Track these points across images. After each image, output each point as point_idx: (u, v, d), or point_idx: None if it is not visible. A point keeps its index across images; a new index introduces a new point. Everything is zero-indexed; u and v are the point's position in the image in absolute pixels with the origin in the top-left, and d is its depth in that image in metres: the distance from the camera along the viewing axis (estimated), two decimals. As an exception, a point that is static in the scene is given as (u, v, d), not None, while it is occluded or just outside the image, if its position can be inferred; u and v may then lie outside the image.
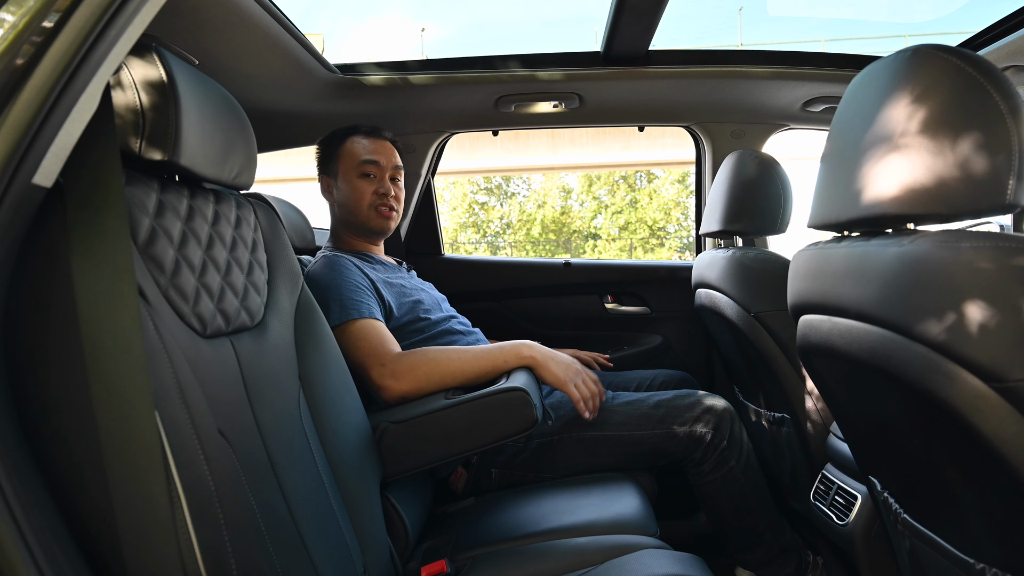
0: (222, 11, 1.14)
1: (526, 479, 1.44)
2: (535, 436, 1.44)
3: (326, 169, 1.62)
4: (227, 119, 0.87)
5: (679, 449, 1.43)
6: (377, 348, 1.32)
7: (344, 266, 1.44)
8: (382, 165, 1.58)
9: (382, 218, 1.58)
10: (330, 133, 1.63)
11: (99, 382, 0.57)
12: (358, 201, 1.57)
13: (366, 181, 1.57)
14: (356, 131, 1.61)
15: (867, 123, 0.79)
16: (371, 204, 1.57)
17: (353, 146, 1.58)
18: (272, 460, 0.84)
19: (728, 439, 1.42)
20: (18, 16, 0.55)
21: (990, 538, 0.75)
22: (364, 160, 1.56)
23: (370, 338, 1.33)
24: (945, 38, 16.68)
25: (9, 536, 0.50)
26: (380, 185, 1.58)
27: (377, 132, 1.62)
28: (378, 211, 1.57)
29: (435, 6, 34.45)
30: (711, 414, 1.43)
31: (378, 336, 1.34)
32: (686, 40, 28.00)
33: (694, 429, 1.42)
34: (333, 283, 1.39)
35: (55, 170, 0.58)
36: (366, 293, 1.41)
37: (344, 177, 1.57)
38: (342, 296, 1.37)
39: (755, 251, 1.50)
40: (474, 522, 1.28)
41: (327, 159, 1.61)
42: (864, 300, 0.77)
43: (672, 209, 18.57)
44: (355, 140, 1.59)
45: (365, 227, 1.59)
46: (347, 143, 1.58)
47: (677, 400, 1.46)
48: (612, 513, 1.21)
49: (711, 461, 1.42)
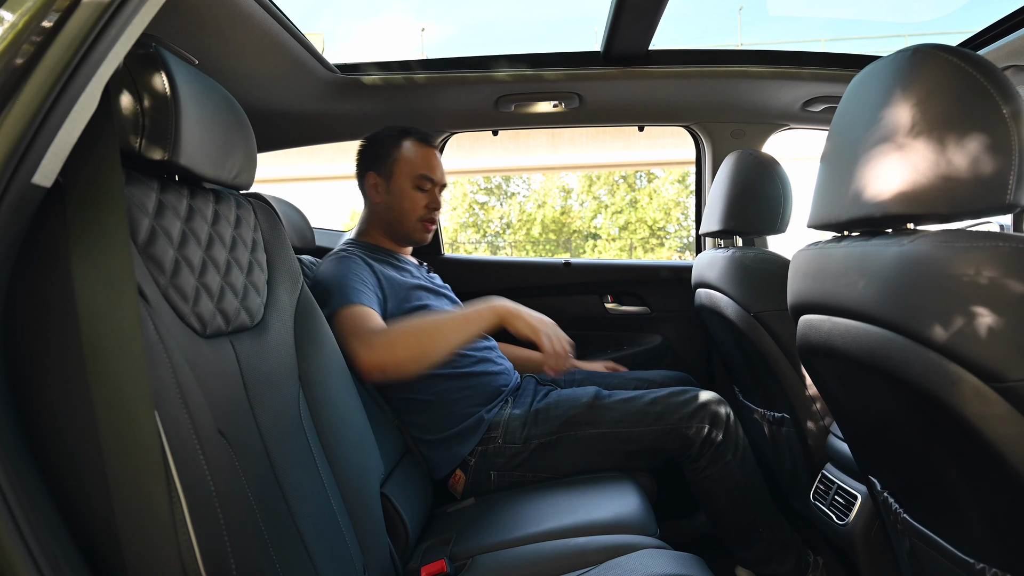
0: (222, 11, 1.14)
1: (525, 480, 1.44)
2: (533, 437, 1.44)
3: (376, 167, 1.60)
4: (227, 119, 0.87)
5: (676, 445, 1.43)
6: (361, 327, 1.30)
7: (353, 262, 1.44)
8: (436, 181, 1.61)
9: (425, 232, 1.62)
10: (382, 131, 1.63)
11: (99, 382, 0.57)
12: (409, 212, 1.58)
13: (420, 194, 1.59)
14: (409, 134, 1.61)
15: (867, 123, 0.79)
16: (420, 217, 1.59)
17: (412, 152, 1.59)
18: (272, 460, 0.84)
19: (724, 434, 1.43)
20: (17, 16, 0.55)
21: (990, 538, 0.75)
22: (423, 175, 1.58)
23: (356, 319, 1.32)
24: (945, 38, 16.68)
25: (9, 536, 0.50)
26: (432, 200, 1.60)
27: (430, 140, 1.63)
28: (424, 225, 1.60)
29: (435, 6, 34.46)
30: (707, 410, 1.43)
31: (365, 317, 1.32)
32: (686, 40, 27.97)
33: (690, 425, 1.42)
34: (336, 275, 1.40)
35: (55, 170, 0.58)
36: (366, 286, 1.41)
37: (398, 183, 1.58)
38: (342, 286, 1.37)
39: (755, 251, 1.50)
40: (474, 522, 1.28)
41: (379, 158, 1.60)
42: (864, 300, 0.77)
43: (672, 209, 18.56)
44: (412, 146, 1.59)
45: (408, 237, 1.62)
46: (404, 148, 1.59)
47: (673, 397, 1.46)
48: (612, 513, 1.21)
49: (707, 457, 1.43)
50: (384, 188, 1.59)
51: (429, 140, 1.63)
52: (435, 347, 1.31)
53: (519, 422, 1.46)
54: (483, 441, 1.45)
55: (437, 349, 1.31)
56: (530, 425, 1.45)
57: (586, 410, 1.46)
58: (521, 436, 1.45)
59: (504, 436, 1.45)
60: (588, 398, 1.49)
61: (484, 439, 1.45)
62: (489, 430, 1.46)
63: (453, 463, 1.45)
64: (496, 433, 1.46)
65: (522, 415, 1.47)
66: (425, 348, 1.30)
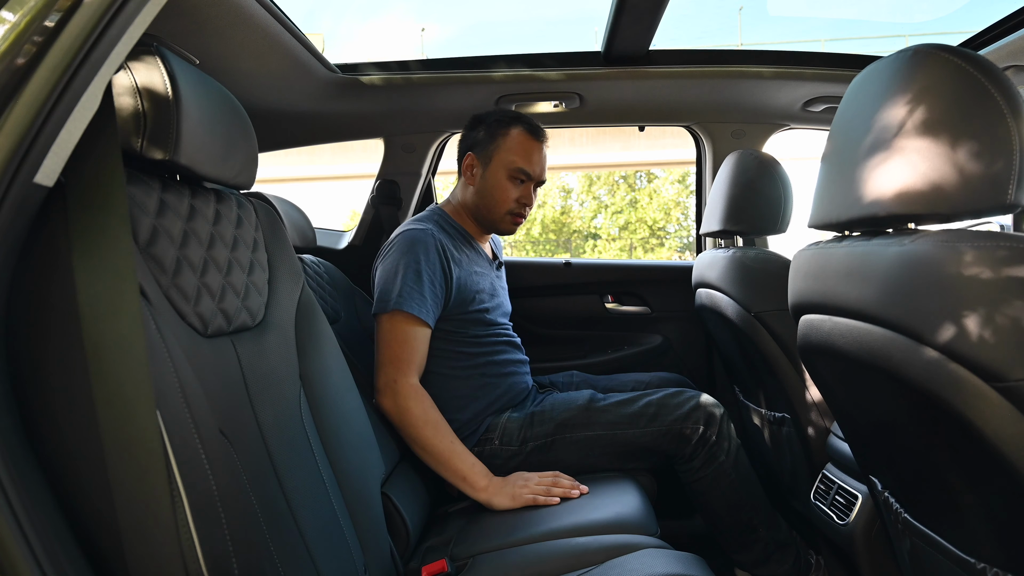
0: (223, 11, 1.14)
1: None
2: (530, 439, 1.44)
3: (476, 149, 1.56)
4: (228, 118, 0.87)
5: (671, 447, 1.43)
6: (402, 358, 1.35)
7: (428, 247, 1.41)
8: (534, 176, 1.55)
9: (513, 224, 1.58)
10: (492, 112, 1.58)
11: (100, 381, 0.57)
12: (500, 202, 1.54)
13: (514, 185, 1.54)
14: (520, 122, 1.55)
15: (868, 123, 0.79)
16: (509, 210, 1.55)
17: (515, 142, 1.53)
18: (273, 460, 0.84)
19: (717, 434, 1.43)
20: (19, 16, 0.55)
21: (991, 538, 0.75)
22: (521, 168, 1.53)
23: (403, 345, 1.36)
24: (945, 38, 16.67)
25: (11, 535, 0.50)
26: (525, 194, 1.55)
27: (540, 133, 1.56)
28: (512, 218, 1.56)
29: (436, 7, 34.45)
30: (700, 411, 1.44)
31: (411, 346, 1.36)
32: (686, 40, 27.96)
33: (684, 426, 1.43)
34: (402, 262, 1.39)
35: (56, 169, 0.58)
36: (432, 286, 1.40)
37: (494, 170, 1.53)
38: (407, 281, 1.37)
39: (755, 251, 1.50)
40: (475, 522, 1.28)
41: (481, 140, 1.55)
42: (865, 300, 0.77)
43: (672, 209, 18.56)
44: (519, 134, 1.54)
45: (492, 226, 1.59)
46: (512, 134, 1.53)
47: (667, 399, 1.47)
48: (613, 513, 1.21)
49: (701, 457, 1.43)
50: (480, 173, 1.55)
51: (538, 133, 1.56)
52: (429, 454, 1.35)
53: (516, 425, 1.46)
54: (480, 443, 1.45)
55: (429, 456, 1.35)
56: (527, 428, 1.46)
57: (581, 412, 1.46)
58: (518, 438, 1.45)
59: (501, 438, 1.46)
60: (583, 401, 1.49)
61: (481, 440, 1.45)
62: (486, 432, 1.47)
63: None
64: (493, 435, 1.46)
65: (520, 418, 1.48)
66: (425, 446, 1.34)
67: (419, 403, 1.34)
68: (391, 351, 1.36)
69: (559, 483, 1.33)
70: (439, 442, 1.34)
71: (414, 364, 1.37)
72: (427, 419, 1.34)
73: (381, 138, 2.11)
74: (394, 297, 1.36)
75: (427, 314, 1.38)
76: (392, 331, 1.36)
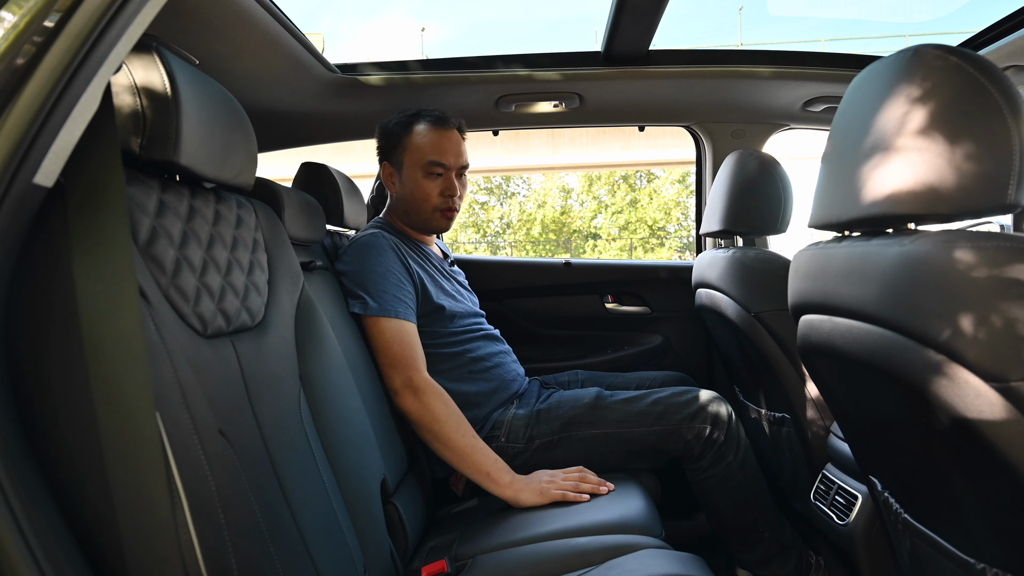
0: (222, 11, 1.14)
1: None
2: (536, 437, 1.44)
3: (389, 158, 1.56)
4: (228, 119, 0.87)
5: (678, 446, 1.43)
6: (407, 357, 1.36)
7: (383, 248, 1.42)
8: (449, 165, 1.52)
9: (444, 219, 1.56)
10: (392, 118, 1.57)
11: (100, 382, 0.57)
12: (422, 201, 1.53)
13: (432, 181, 1.51)
14: (421, 118, 1.53)
15: (868, 123, 0.79)
16: (436, 206, 1.53)
17: (419, 139, 1.51)
18: (273, 460, 0.84)
19: (726, 435, 1.43)
20: (19, 16, 0.55)
21: (990, 538, 0.75)
22: (431, 161, 1.50)
23: (403, 344, 1.36)
24: (945, 38, 16.68)
25: (10, 536, 0.50)
26: (447, 186, 1.52)
27: (444, 122, 1.53)
28: (442, 213, 1.55)
29: (436, 7, 34.46)
30: (708, 410, 1.43)
31: (410, 344, 1.37)
32: (686, 40, 28.00)
33: (692, 425, 1.42)
34: (375, 269, 1.39)
35: (56, 170, 0.58)
36: (401, 285, 1.41)
37: (409, 172, 1.52)
38: (381, 286, 1.37)
39: (755, 251, 1.50)
40: (478, 522, 1.28)
41: (390, 148, 1.55)
42: (865, 300, 0.77)
43: (672, 209, 18.57)
44: (421, 132, 1.52)
45: (425, 226, 1.58)
46: (413, 134, 1.52)
47: (675, 397, 1.46)
48: (617, 514, 1.20)
49: (709, 457, 1.43)
50: (398, 178, 1.55)
51: (441, 122, 1.53)
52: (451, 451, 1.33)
53: (522, 422, 1.46)
54: (486, 440, 1.45)
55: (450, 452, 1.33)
56: (533, 425, 1.45)
57: (588, 410, 1.46)
58: (524, 436, 1.45)
59: (507, 436, 1.45)
60: (590, 398, 1.49)
61: (487, 438, 1.45)
62: (492, 430, 1.46)
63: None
64: (499, 433, 1.46)
65: (526, 415, 1.47)
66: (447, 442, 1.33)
67: (439, 398, 1.35)
68: (392, 353, 1.36)
69: (586, 479, 1.32)
70: (460, 437, 1.33)
71: (419, 359, 1.37)
72: (449, 413, 1.34)
73: (381, 138, 2.11)
74: (372, 305, 1.36)
75: (408, 312, 1.39)
76: (384, 335, 1.36)
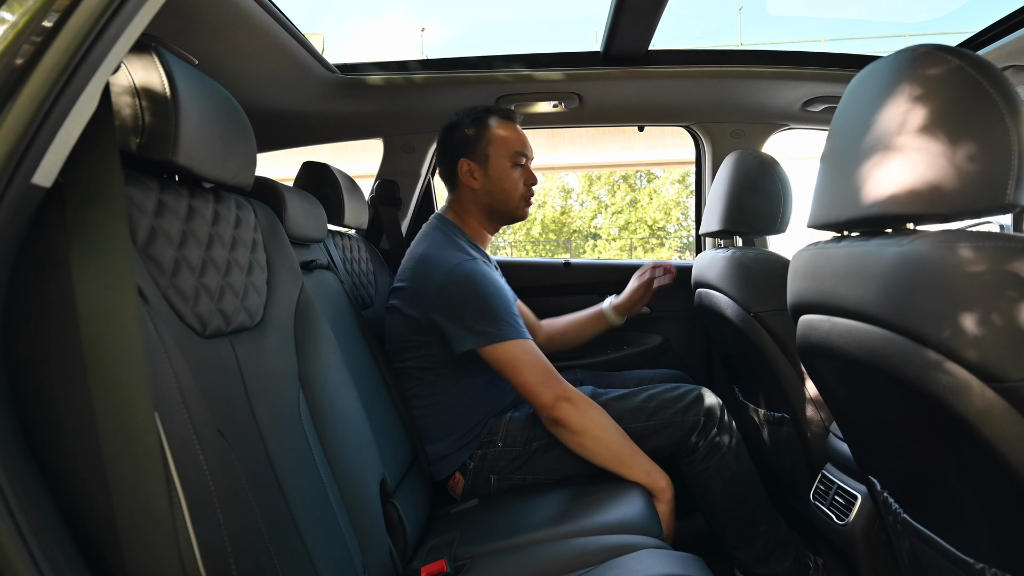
0: (222, 11, 1.14)
1: (525, 483, 1.44)
2: (533, 440, 1.44)
3: (468, 154, 1.56)
4: (227, 119, 0.87)
5: (673, 440, 1.44)
6: (549, 371, 1.38)
7: (483, 272, 1.44)
8: (530, 154, 1.60)
9: (527, 208, 1.62)
10: (461, 117, 1.59)
11: (99, 382, 0.57)
12: (512, 191, 1.57)
13: (519, 171, 1.58)
14: (493, 113, 1.58)
15: (867, 123, 0.79)
16: (522, 195, 1.59)
17: (502, 132, 1.56)
18: (272, 460, 0.83)
19: (718, 427, 1.45)
20: (18, 16, 0.55)
21: (990, 538, 0.75)
22: (518, 151, 1.56)
23: (539, 359, 1.38)
24: (945, 38, 16.68)
25: (8, 536, 0.50)
26: (529, 176, 1.60)
27: (514, 117, 1.61)
28: (527, 201, 1.61)
29: (436, 7, 34.47)
30: (700, 403, 1.45)
31: (543, 357, 1.39)
32: (686, 40, 28.01)
33: (685, 419, 1.44)
34: (489, 296, 1.40)
35: (54, 170, 0.58)
36: (512, 303, 1.44)
37: (496, 163, 1.56)
38: (500, 310, 1.39)
39: (755, 251, 1.50)
40: (478, 523, 1.28)
41: (468, 144, 1.56)
42: (864, 300, 0.77)
43: (672, 209, 18.56)
44: (501, 124, 1.57)
45: (512, 216, 1.61)
46: (493, 124, 1.57)
47: (667, 392, 1.48)
48: (619, 516, 1.20)
49: (703, 449, 1.44)
50: (481, 172, 1.56)
51: (512, 116, 1.60)
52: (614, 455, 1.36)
53: (519, 426, 1.46)
54: (483, 445, 1.45)
55: (612, 457, 1.35)
56: (529, 428, 1.45)
57: None
58: (521, 439, 1.45)
59: (504, 439, 1.45)
60: None
61: (484, 443, 1.45)
62: (489, 434, 1.46)
63: (454, 466, 1.45)
64: (496, 437, 1.46)
65: (522, 418, 1.47)
66: (610, 446, 1.36)
67: (592, 403, 1.37)
68: (538, 371, 1.36)
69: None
70: (622, 438, 1.37)
71: (552, 368, 1.39)
72: (607, 417, 1.37)
73: (381, 138, 2.11)
74: (501, 332, 1.37)
75: (526, 331, 1.41)
76: (523, 357, 1.37)
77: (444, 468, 1.46)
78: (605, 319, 1.86)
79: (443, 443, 1.46)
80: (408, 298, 1.46)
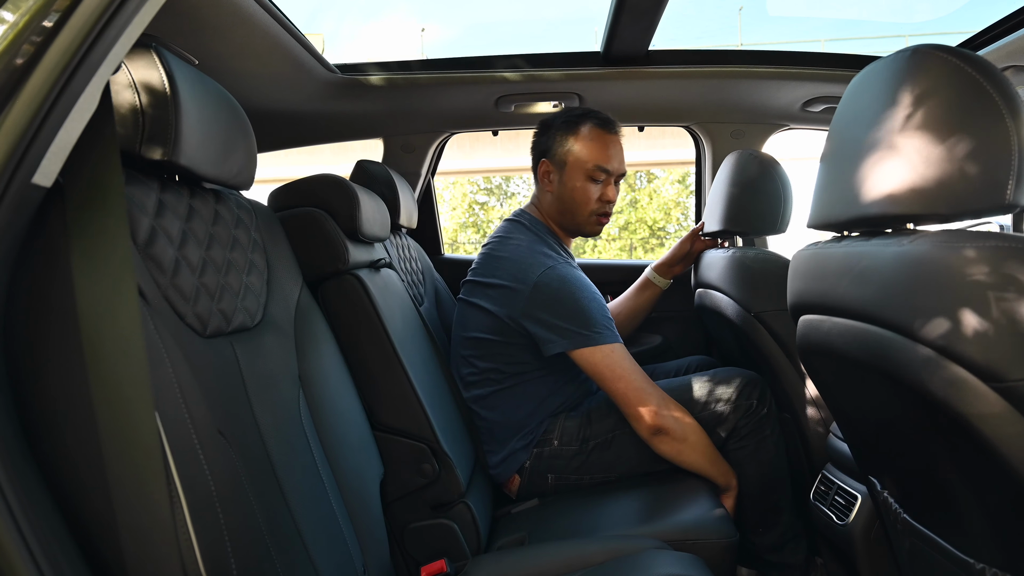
0: (222, 11, 1.14)
1: (582, 483, 1.43)
2: (590, 438, 1.43)
3: (549, 156, 1.52)
4: (227, 119, 0.87)
5: (726, 425, 1.42)
6: (647, 377, 1.36)
7: (576, 277, 1.41)
8: (612, 171, 1.50)
9: (597, 226, 1.54)
10: (558, 116, 1.53)
11: (99, 382, 0.57)
12: (582, 205, 1.50)
13: (593, 185, 1.49)
14: (588, 119, 1.50)
15: (867, 123, 0.79)
16: (593, 211, 1.51)
17: (586, 142, 1.48)
18: (272, 460, 0.83)
19: (768, 410, 1.43)
20: (18, 15, 0.55)
21: (990, 538, 0.75)
22: (597, 166, 1.48)
23: (635, 363, 1.36)
24: (945, 38, 16.67)
25: (9, 536, 0.50)
26: (606, 192, 1.50)
27: (611, 126, 1.51)
28: (597, 219, 1.53)
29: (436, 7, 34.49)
30: (752, 385, 1.43)
31: (635, 364, 1.37)
32: (686, 40, 27.98)
33: (739, 403, 1.42)
34: (576, 296, 1.37)
35: (55, 170, 0.58)
36: (606, 308, 1.41)
37: (571, 174, 1.49)
38: (596, 313, 1.36)
39: (755, 251, 1.50)
40: (545, 522, 1.29)
41: (551, 146, 1.51)
42: (864, 300, 0.77)
43: (672, 209, 18.55)
44: (588, 134, 1.49)
45: (578, 230, 1.56)
46: (582, 132, 1.49)
47: (717, 378, 1.46)
48: (693, 516, 1.21)
49: (749, 426, 1.42)
50: (556, 178, 1.51)
51: (610, 126, 1.50)
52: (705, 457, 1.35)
53: (575, 424, 1.44)
54: (539, 443, 1.44)
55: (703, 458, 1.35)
56: (586, 426, 1.44)
57: None
58: (578, 437, 1.43)
59: (560, 438, 1.43)
60: None
61: (540, 441, 1.44)
62: (544, 434, 1.44)
63: (514, 468, 1.44)
64: (552, 435, 1.44)
65: (578, 416, 1.45)
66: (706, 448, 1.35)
67: (684, 410, 1.36)
68: (634, 378, 1.34)
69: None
70: (710, 441, 1.37)
71: (650, 381, 1.37)
72: (695, 422, 1.36)
73: (381, 138, 2.11)
74: (598, 335, 1.35)
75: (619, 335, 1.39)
76: (617, 362, 1.35)
77: (504, 471, 1.44)
78: (652, 284, 1.84)
79: (506, 443, 1.44)
80: (496, 296, 1.42)
